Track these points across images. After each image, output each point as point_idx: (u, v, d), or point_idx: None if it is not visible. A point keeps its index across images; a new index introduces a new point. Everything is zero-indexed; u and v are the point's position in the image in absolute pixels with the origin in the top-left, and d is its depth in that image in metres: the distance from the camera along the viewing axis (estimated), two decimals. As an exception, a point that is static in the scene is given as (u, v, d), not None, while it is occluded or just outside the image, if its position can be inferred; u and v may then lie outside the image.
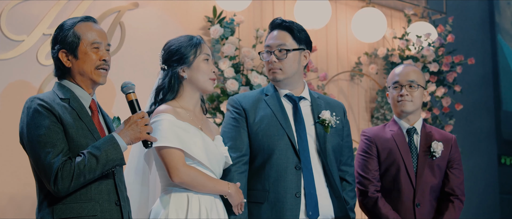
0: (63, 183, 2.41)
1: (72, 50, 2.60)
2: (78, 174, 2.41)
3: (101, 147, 2.46)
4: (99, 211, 2.50)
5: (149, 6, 4.26)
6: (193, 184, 2.76)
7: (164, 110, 2.80)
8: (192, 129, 2.82)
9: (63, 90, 2.60)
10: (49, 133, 2.45)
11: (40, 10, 3.79)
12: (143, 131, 2.56)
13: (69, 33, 2.62)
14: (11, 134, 3.55)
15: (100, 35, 2.65)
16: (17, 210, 3.57)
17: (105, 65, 2.63)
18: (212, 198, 2.83)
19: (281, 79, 3.09)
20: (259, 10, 4.92)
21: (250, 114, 3.07)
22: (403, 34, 5.60)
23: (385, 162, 3.43)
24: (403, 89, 3.43)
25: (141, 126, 2.56)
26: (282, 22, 3.11)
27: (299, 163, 3.00)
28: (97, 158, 2.44)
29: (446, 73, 5.62)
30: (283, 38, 3.09)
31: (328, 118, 3.08)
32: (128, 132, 2.54)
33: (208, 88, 2.93)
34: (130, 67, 4.04)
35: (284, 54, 3.06)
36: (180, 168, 2.73)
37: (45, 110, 2.47)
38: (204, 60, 2.91)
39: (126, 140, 2.53)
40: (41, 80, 3.76)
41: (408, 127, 3.48)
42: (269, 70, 3.11)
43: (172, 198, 2.78)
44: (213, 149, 2.87)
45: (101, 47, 2.63)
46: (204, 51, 2.92)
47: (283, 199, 2.96)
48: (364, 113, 5.55)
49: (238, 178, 2.97)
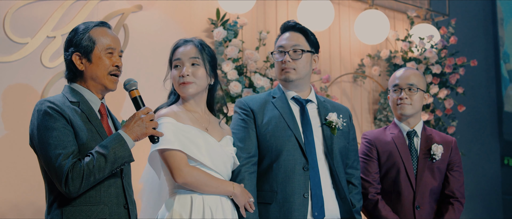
0: (74, 184, 2.42)
1: (87, 53, 2.62)
2: (88, 174, 2.43)
3: (108, 145, 2.47)
4: (108, 214, 2.52)
5: (152, 8, 4.27)
6: (197, 184, 2.77)
7: (164, 114, 2.84)
8: (193, 130, 2.83)
9: (73, 93, 2.61)
10: (60, 135, 2.46)
11: (44, 13, 3.79)
12: (149, 126, 2.57)
13: (84, 36, 2.63)
14: (14, 137, 3.56)
15: (114, 41, 2.66)
16: (19, 216, 3.56)
17: (117, 71, 2.65)
18: (218, 198, 2.84)
19: (294, 79, 3.11)
20: (262, 13, 4.92)
21: (258, 116, 3.10)
22: (406, 36, 5.60)
23: (385, 164, 3.45)
24: (402, 92, 3.46)
25: (147, 121, 2.57)
26: (296, 24, 3.17)
27: (307, 164, 3.02)
28: (105, 156, 2.45)
29: (448, 75, 5.62)
30: (297, 39, 3.13)
31: (335, 120, 3.11)
32: (134, 129, 2.54)
33: (182, 93, 2.92)
34: (134, 69, 4.04)
35: (299, 54, 3.10)
36: (182, 169, 2.74)
37: (55, 112, 2.48)
38: (174, 67, 2.93)
39: (133, 136, 2.53)
40: (45, 83, 3.77)
41: (408, 130, 3.50)
42: (281, 70, 3.13)
43: (176, 200, 2.79)
44: (218, 149, 2.87)
45: (115, 53, 2.65)
46: (174, 57, 2.93)
47: (291, 199, 2.98)
48: (367, 115, 5.56)
49: (248, 178, 2.99)
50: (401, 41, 5.60)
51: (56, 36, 3.81)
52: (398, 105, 3.47)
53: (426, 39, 5.53)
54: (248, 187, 2.96)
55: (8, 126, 3.61)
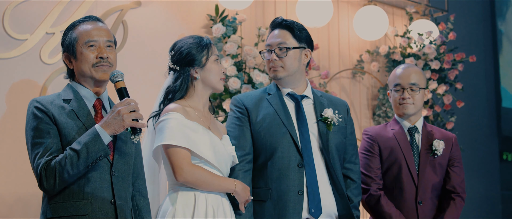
0: (48, 182, 2.44)
1: (72, 52, 2.63)
2: (60, 171, 2.42)
3: (82, 140, 2.45)
4: (90, 210, 2.51)
5: (151, 4, 4.27)
6: (198, 183, 2.78)
7: (173, 109, 2.82)
8: (200, 128, 2.83)
9: (68, 92, 2.64)
10: (39, 134, 2.50)
11: (43, 9, 3.79)
12: (126, 119, 2.46)
13: (67, 35, 2.66)
14: (16, 133, 3.56)
15: (96, 32, 2.63)
16: (24, 209, 3.58)
17: (103, 62, 2.61)
18: (219, 197, 2.84)
19: (282, 76, 3.11)
20: (261, 9, 4.92)
21: (252, 113, 3.09)
22: (404, 32, 5.60)
23: (387, 160, 3.45)
24: (405, 92, 3.46)
25: (124, 113, 2.46)
26: (282, 21, 3.14)
27: (302, 161, 3.01)
28: (77, 152, 2.43)
29: (447, 71, 5.63)
30: (283, 36, 3.11)
31: (330, 116, 3.10)
32: (111, 122, 2.46)
33: (219, 88, 2.98)
34: (133, 65, 4.04)
35: (284, 52, 3.08)
36: (184, 168, 2.74)
37: (40, 112, 2.52)
38: (215, 61, 2.96)
39: (109, 130, 2.46)
40: (44, 79, 3.77)
41: (409, 126, 3.51)
42: (270, 69, 3.13)
43: (179, 196, 2.79)
44: (221, 148, 2.88)
45: (98, 44, 2.62)
46: (214, 52, 2.97)
47: (286, 197, 2.98)
48: (365, 111, 5.56)
49: (243, 177, 2.99)
50: (400, 37, 5.61)
51: (55, 33, 3.81)
52: (401, 105, 3.48)
53: (425, 35, 5.53)
54: None
55: (8, 122, 3.61)
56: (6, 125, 3.61)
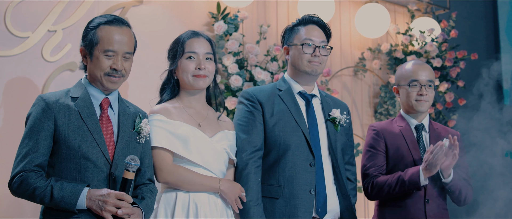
0: (16, 193, 2.53)
1: (90, 52, 2.64)
2: (30, 195, 2.49)
3: (65, 189, 2.46)
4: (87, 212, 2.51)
5: (153, 2, 4.27)
6: (179, 183, 2.78)
7: (155, 111, 2.86)
8: (183, 127, 2.82)
9: (78, 89, 2.66)
10: (30, 134, 2.53)
11: (45, 7, 3.79)
12: (106, 210, 2.45)
13: (90, 33, 2.64)
14: (16, 132, 3.56)
15: (118, 42, 2.63)
16: (20, 210, 3.56)
17: (115, 73, 2.62)
18: (206, 195, 2.82)
19: (320, 73, 3.14)
20: (263, 6, 4.92)
21: (266, 108, 3.07)
22: (406, 30, 5.60)
23: (393, 157, 3.41)
24: (422, 89, 3.42)
25: (109, 205, 2.45)
26: (320, 20, 3.18)
27: (313, 160, 3.01)
28: (53, 196, 2.45)
29: (449, 69, 5.63)
30: (324, 36, 3.16)
31: (338, 116, 3.11)
32: (94, 201, 2.46)
33: (194, 85, 2.92)
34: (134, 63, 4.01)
35: (328, 50, 3.15)
36: (163, 169, 2.76)
37: (41, 110, 2.55)
38: (187, 58, 2.91)
39: (89, 203, 2.47)
40: (46, 77, 3.77)
41: (416, 124, 3.47)
42: (308, 62, 3.10)
43: (162, 197, 2.82)
44: (208, 146, 2.86)
45: (116, 55, 2.63)
46: (188, 48, 2.91)
47: (298, 195, 2.98)
48: (367, 109, 5.56)
49: (254, 172, 2.97)
50: (401, 34, 5.60)
51: (57, 30, 3.81)
52: (417, 102, 3.42)
53: (426, 33, 5.53)
54: (253, 181, 2.95)
55: (8, 119, 3.61)
56: (7, 123, 3.61)
